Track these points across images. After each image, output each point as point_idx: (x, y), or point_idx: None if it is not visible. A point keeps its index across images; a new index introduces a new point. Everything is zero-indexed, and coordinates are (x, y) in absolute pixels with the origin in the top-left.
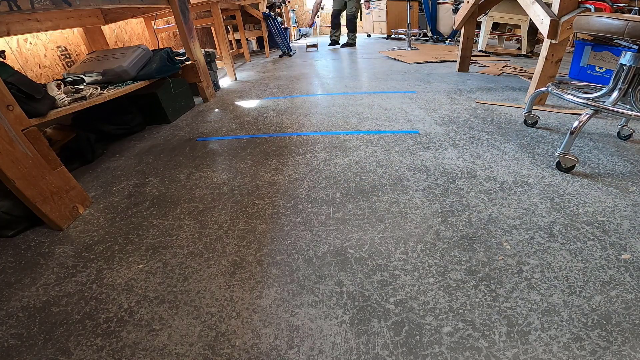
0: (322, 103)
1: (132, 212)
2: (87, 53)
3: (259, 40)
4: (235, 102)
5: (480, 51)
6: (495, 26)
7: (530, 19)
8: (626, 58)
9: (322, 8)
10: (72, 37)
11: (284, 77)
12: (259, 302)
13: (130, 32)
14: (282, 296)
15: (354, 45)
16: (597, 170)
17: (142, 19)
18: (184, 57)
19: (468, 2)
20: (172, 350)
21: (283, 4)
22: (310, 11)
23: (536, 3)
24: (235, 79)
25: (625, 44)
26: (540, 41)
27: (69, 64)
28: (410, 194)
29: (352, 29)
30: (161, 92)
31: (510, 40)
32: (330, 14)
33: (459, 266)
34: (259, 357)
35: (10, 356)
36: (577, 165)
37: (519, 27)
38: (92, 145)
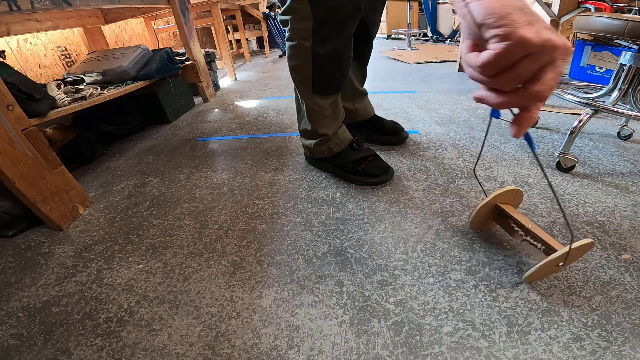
0: None
1: (132, 212)
2: (87, 53)
3: (259, 40)
4: (235, 102)
5: None
6: None
7: None
8: (626, 58)
9: None
10: (72, 37)
11: (284, 77)
12: (259, 302)
13: (130, 32)
14: (282, 296)
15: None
16: (597, 170)
17: (142, 19)
18: (184, 57)
19: None
20: (172, 350)
21: None
22: None
23: (536, 3)
24: (235, 79)
25: (625, 44)
26: None
27: (69, 64)
28: (410, 194)
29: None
30: (161, 92)
31: None
32: None
33: (459, 266)
34: (259, 357)
35: (10, 356)
36: (577, 165)
37: None
38: (92, 145)
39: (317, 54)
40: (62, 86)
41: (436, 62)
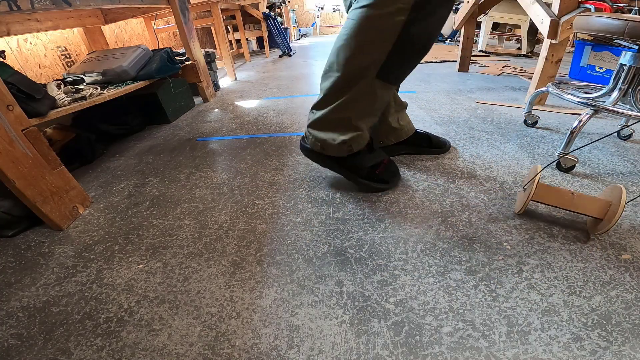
0: None
1: (132, 212)
2: (87, 53)
3: (259, 40)
4: (235, 102)
5: (480, 51)
6: (495, 26)
7: (530, 19)
8: (626, 58)
9: (322, 8)
10: (72, 37)
11: (284, 77)
12: (259, 302)
13: (130, 32)
14: (282, 296)
15: None
16: (597, 170)
17: (142, 19)
18: (184, 57)
19: (468, 2)
20: (172, 350)
21: (283, 4)
22: (310, 11)
23: (536, 3)
24: (235, 79)
25: (625, 44)
26: (540, 41)
27: (69, 64)
28: (410, 194)
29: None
30: (161, 92)
31: (510, 40)
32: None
33: (459, 266)
34: (259, 357)
35: (10, 356)
36: (577, 165)
37: (519, 27)
38: (92, 145)
39: (408, 33)
40: (62, 86)
41: (436, 62)
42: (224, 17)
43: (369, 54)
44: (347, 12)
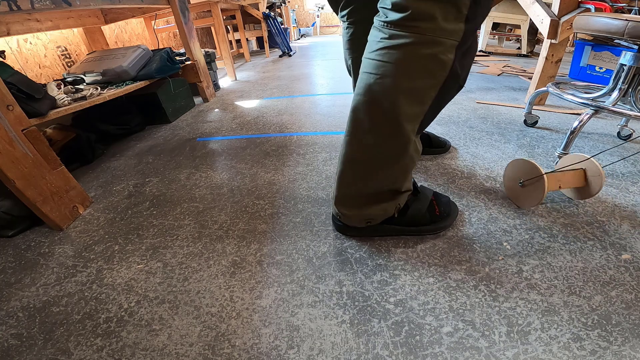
0: (322, 103)
1: (132, 212)
2: (87, 53)
3: (259, 40)
4: (235, 102)
5: (480, 51)
6: (495, 26)
7: (530, 19)
8: (626, 58)
9: (322, 8)
10: (72, 37)
11: (284, 77)
12: (259, 302)
13: (130, 32)
14: (282, 296)
15: None
16: None
17: (142, 19)
18: (184, 57)
19: None
20: (172, 350)
21: (283, 4)
22: (310, 11)
23: (536, 3)
24: (235, 79)
25: (625, 44)
26: (540, 41)
27: (69, 64)
28: None
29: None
30: (161, 92)
31: (510, 40)
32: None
33: (459, 266)
34: (259, 357)
35: (10, 356)
36: None
37: (519, 27)
38: (92, 145)
39: (454, 73)
40: (62, 86)
41: None
42: (224, 17)
43: (416, 104)
44: (339, 16)
